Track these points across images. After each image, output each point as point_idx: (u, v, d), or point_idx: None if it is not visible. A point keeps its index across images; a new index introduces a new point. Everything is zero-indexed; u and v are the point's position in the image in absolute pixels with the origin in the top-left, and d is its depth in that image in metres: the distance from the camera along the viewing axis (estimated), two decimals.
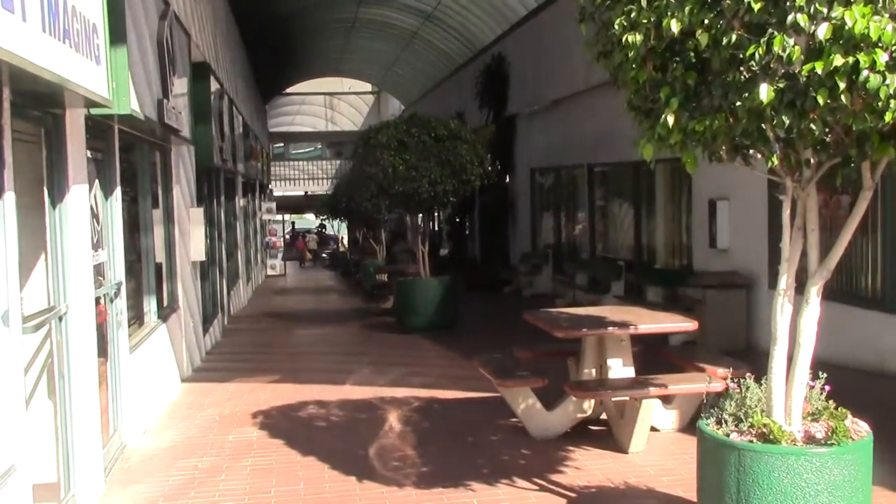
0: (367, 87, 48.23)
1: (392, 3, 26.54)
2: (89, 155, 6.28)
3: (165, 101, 7.74)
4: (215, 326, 14.04)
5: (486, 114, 22.67)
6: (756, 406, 4.41)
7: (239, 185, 21.15)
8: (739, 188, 11.50)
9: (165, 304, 9.95)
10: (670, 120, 4.10)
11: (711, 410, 4.63)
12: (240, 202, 21.29)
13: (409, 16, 27.41)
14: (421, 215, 14.48)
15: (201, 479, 6.41)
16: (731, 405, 4.48)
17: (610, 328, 6.46)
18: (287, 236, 54.65)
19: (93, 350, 5.95)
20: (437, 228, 30.88)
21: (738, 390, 4.55)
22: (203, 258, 11.22)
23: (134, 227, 8.67)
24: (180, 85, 9.19)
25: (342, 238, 41.96)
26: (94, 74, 5.16)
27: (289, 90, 46.33)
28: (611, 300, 15.05)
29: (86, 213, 5.88)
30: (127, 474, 6.54)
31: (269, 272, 32.57)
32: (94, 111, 5.91)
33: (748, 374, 6.51)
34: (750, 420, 4.30)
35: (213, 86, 12.91)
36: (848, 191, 9.31)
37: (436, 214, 29.44)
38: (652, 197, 14.63)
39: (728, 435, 4.29)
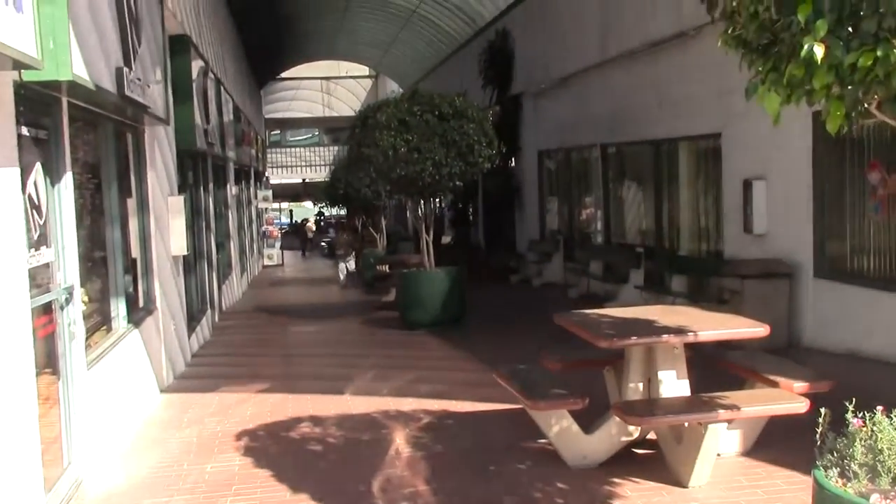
0: (365, 70, 46.99)
1: None
2: (25, 132, 5.13)
3: (127, 70, 6.59)
4: (203, 324, 12.92)
5: (489, 93, 21.45)
6: (893, 452, 3.28)
7: (230, 171, 19.98)
8: (778, 165, 10.35)
9: (141, 305, 8.83)
10: (818, 52, 2.74)
11: (822, 448, 3.50)
12: (232, 190, 20.13)
13: None
14: (423, 201, 13.31)
15: None
16: (857, 449, 3.34)
17: (665, 336, 5.31)
18: (289, 224, 53.67)
19: (28, 370, 4.82)
20: (439, 215, 29.76)
21: (864, 427, 3.42)
22: (185, 252, 10.09)
23: (99, 220, 7.53)
24: (150, 55, 8.01)
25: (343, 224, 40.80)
26: (14, 25, 4.01)
27: (284, 75, 45.06)
28: (630, 290, 13.93)
29: (17, 202, 4.73)
30: None
31: (267, 262, 31.53)
32: (26, 77, 4.76)
33: (828, 387, 5.38)
34: (893, 474, 3.18)
35: (196, 62, 11.74)
36: None
37: (439, 200, 28.32)
38: (675, 178, 13.47)
39: (866, 497, 3.15)
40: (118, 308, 7.63)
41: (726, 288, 10.28)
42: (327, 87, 52.82)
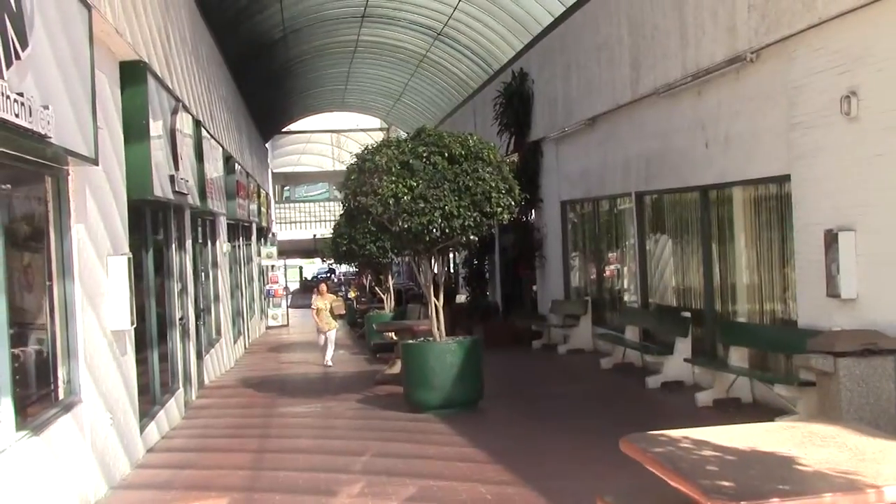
0: (376, 122, 45.49)
1: (397, 21, 23.65)
2: None
3: (1, 81, 4.66)
4: (171, 407, 10.85)
5: (506, 140, 19.53)
6: None
7: (221, 227, 18.07)
8: (872, 212, 8.27)
9: (61, 397, 6.79)
10: None
11: None
12: (223, 247, 18.18)
13: (415, 36, 24.53)
14: (432, 258, 11.31)
15: None
16: None
17: (827, 496, 3.19)
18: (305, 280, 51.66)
19: None
20: (452, 272, 27.72)
21: None
22: (129, 325, 8.06)
23: None
24: (56, 67, 6.07)
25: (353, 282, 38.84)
26: None
27: (292, 128, 43.62)
28: (677, 363, 11.80)
29: None
30: None
31: (272, 323, 29.66)
32: None
33: None
34: None
35: (159, 96, 9.85)
36: None
37: (452, 255, 26.32)
38: (729, 229, 11.40)
39: None
40: (3, 411, 5.57)
41: (812, 367, 8.12)
42: (337, 140, 51.40)
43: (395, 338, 15.62)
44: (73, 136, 6.37)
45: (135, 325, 8.21)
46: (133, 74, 8.88)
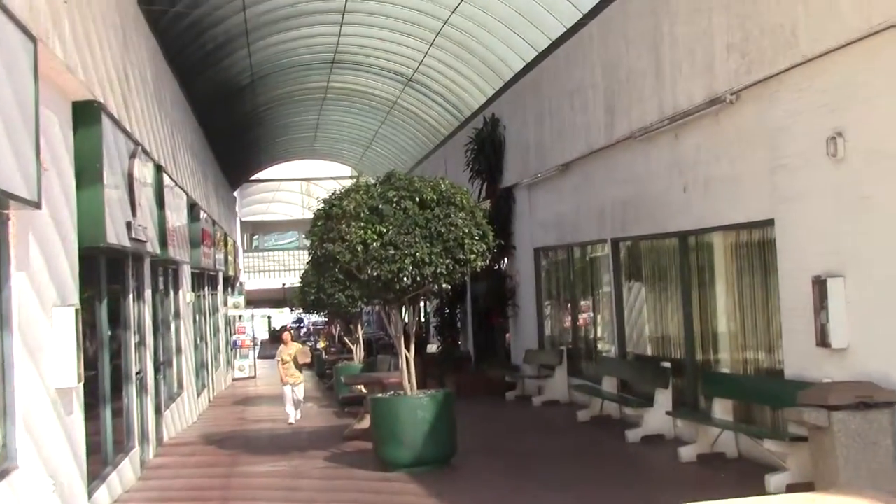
0: (346, 170, 45.16)
1: (367, 67, 23.41)
2: None
3: None
4: (125, 468, 10.18)
5: (478, 186, 19.18)
6: None
7: (184, 276, 17.47)
8: (863, 257, 7.93)
9: None
10: None
11: None
12: (186, 297, 17.56)
13: (386, 82, 24.30)
14: (402, 307, 10.83)
15: None
16: None
17: None
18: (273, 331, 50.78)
19: None
20: (423, 321, 27.18)
21: None
22: (75, 382, 7.46)
23: None
24: None
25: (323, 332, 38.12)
26: None
27: (262, 176, 43.15)
28: (657, 415, 11.35)
29: None
30: None
31: (238, 374, 28.94)
32: None
33: None
34: None
35: (115, 138, 9.36)
36: None
37: (423, 304, 25.83)
38: (710, 276, 11.04)
39: None
40: None
41: (805, 421, 7.69)
42: (307, 188, 50.91)
43: (364, 391, 15.05)
44: (12, 177, 5.86)
45: (82, 382, 7.61)
46: (86, 115, 8.39)
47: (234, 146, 27.95)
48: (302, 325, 48.46)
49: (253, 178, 41.77)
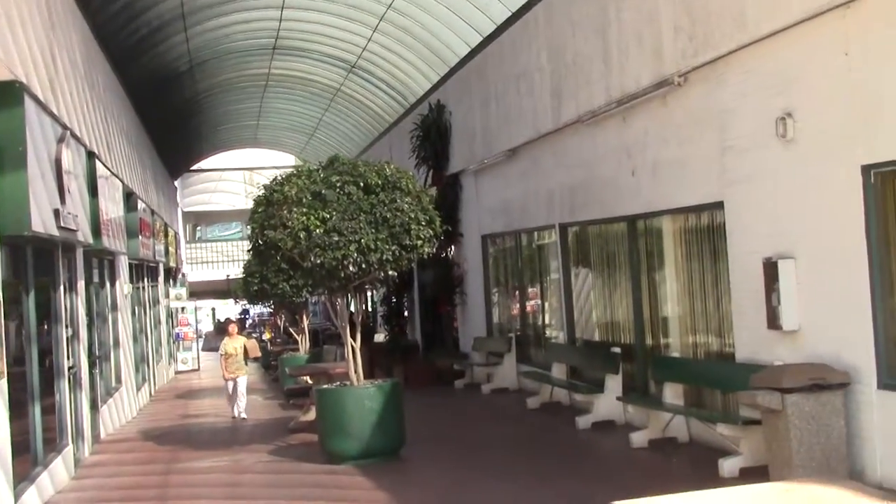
0: (290, 159, 44.46)
1: (309, 53, 22.92)
2: None
3: None
4: (57, 467, 9.73)
5: (424, 173, 18.91)
6: None
7: (121, 267, 16.92)
8: (813, 238, 7.86)
9: None
10: None
11: None
12: (124, 289, 17.01)
13: (329, 69, 23.82)
14: (348, 296, 10.52)
15: None
16: None
17: None
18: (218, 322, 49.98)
19: None
20: (369, 310, 26.86)
21: None
22: None
23: None
24: None
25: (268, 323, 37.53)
26: None
27: (204, 165, 42.26)
28: (608, 401, 11.23)
29: None
30: None
31: (181, 367, 28.39)
32: None
33: None
34: None
35: (40, 120, 8.89)
36: None
37: (370, 293, 25.47)
38: (659, 260, 10.94)
39: None
40: None
41: (758, 404, 7.59)
42: (250, 178, 50.02)
43: (310, 382, 14.70)
44: None
45: (4, 378, 7.18)
46: (7, 95, 7.93)
47: (174, 135, 27.22)
48: (248, 316, 47.69)
49: (195, 167, 40.87)
